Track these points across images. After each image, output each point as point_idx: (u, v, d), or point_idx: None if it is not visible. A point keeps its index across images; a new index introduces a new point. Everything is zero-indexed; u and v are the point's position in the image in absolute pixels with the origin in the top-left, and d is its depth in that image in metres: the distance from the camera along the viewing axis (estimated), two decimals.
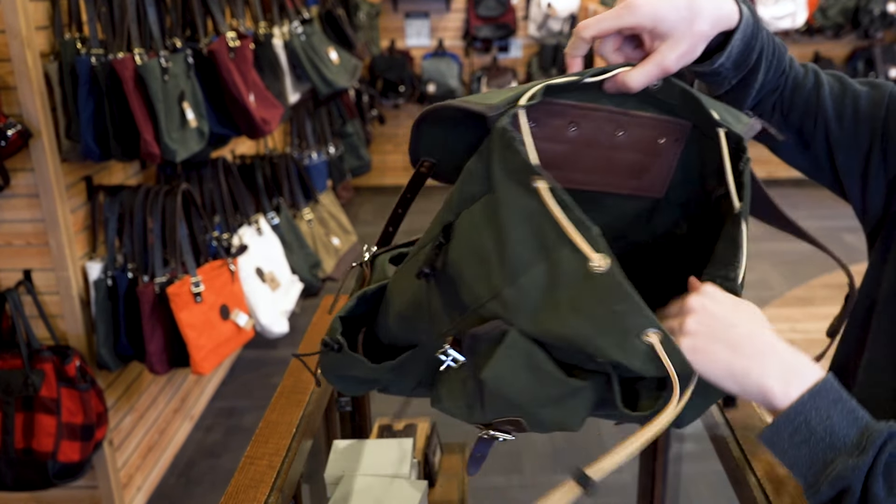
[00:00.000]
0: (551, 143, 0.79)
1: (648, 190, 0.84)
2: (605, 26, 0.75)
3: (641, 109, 0.79)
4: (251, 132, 2.52)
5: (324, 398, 1.30)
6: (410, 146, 0.79)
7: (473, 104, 0.71)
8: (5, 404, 2.08)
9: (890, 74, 5.61)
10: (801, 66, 0.95)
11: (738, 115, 0.80)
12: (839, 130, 0.91)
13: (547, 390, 0.70)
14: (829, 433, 0.66)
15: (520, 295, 0.68)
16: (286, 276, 2.89)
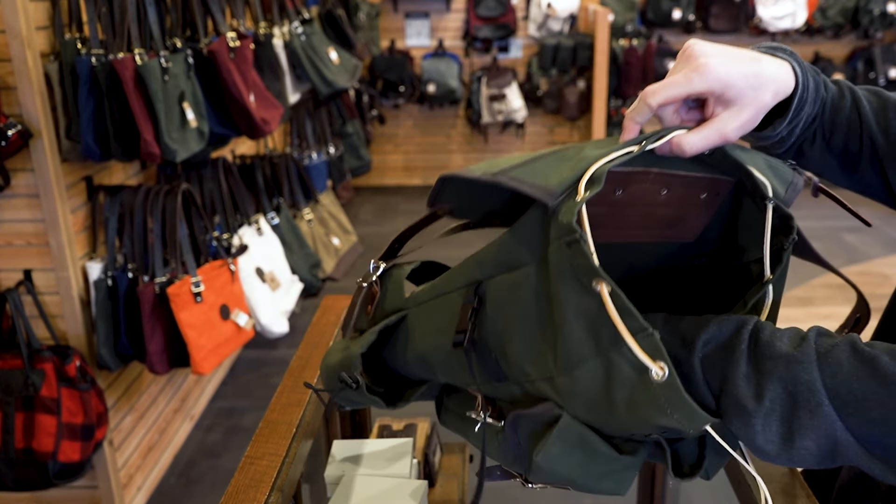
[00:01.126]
0: (594, 207, 0.76)
1: (681, 237, 0.83)
2: (675, 93, 0.72)
3: (687, 169, 0.76)
4: (251, 132, 2.53)
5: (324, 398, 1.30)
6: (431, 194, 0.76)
7: (528, 185, 0.68)
8: (5, 404, 2.08)
9: (890, 74, 5.61)
10: (835, 85, 0.92)
11: (780, 170, 0.78)
12: (886, 144, 0.88)
13: (600, 468, 0.71)
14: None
15: (574, 385, 0.67)
16: (286, 276, 2.89)
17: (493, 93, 5.67)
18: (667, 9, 5.56)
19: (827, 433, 0.59)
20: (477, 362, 0.75)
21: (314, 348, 1.37)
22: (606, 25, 4.89)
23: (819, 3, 5.62)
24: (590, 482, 0.73)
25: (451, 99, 5.80)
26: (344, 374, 0.84)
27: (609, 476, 0.73)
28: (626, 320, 0.62)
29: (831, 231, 5.00)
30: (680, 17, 5.58)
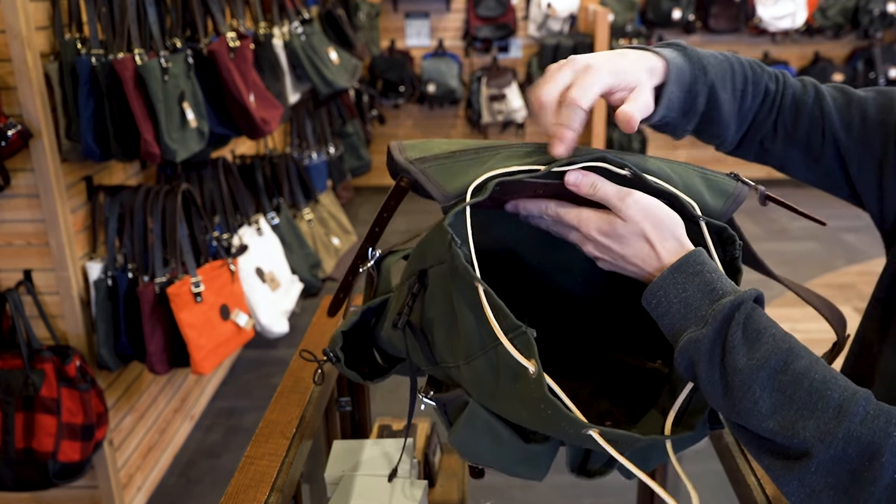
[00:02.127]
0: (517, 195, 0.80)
1: None
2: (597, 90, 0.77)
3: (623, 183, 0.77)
4: (251, 132, 2.52)
5: (324, 398, 1.30)
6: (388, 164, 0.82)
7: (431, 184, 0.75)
8: (6, 404, 2.08)
9: (890, 74, 5.61)
10: (799, 81, 0.95)
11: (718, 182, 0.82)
12: (849, 140, 0.91)
13: (508, 453, 0.76)
14: (684, 305, 0.71)
15: (473, 375, 0.72)
16: (286, 276, 2.89)
17: (493, 93, 5.67)
18: (667, 9, 5.56)
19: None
20: (417, 345, 0.81)
21: (314, 348, 1.37)
22: (606, 25, 4.89)
23: (819, 3, 5.62)
24: (505, 466, 0.78)
25: (451, 99, 5.80)
26: (327, 349, 0.90)
27: (521, 462, 0.77)
28: (500, 320, 0.67)
29: (832, 231, 5.00)
30: (680, 17, 5.58)
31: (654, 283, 0.73)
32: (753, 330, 0.68)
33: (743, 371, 0.66)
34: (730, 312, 0.68)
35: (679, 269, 0.72)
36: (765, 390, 0.65)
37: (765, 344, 0.67)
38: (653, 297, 0.73)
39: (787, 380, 0.66)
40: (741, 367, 0.66)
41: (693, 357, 0.69)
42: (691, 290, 0.71)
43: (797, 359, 0.67)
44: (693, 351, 0.68)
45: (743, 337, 0.67)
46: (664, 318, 0.72)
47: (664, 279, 0.72)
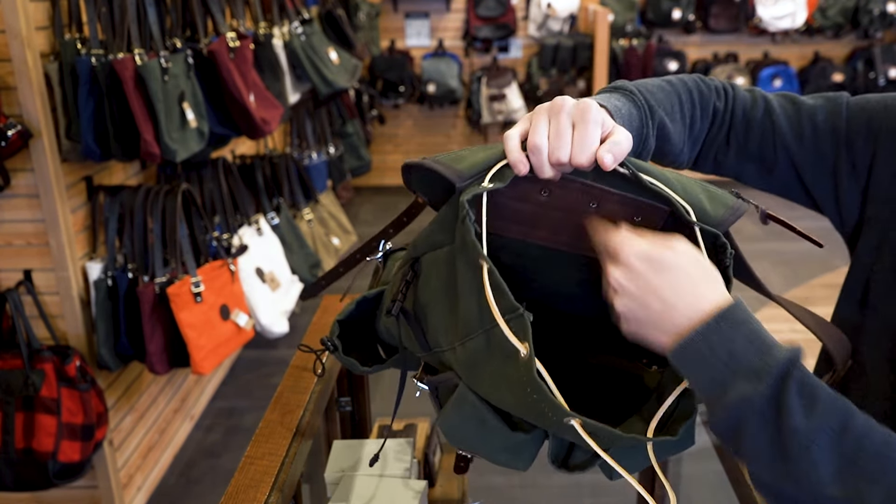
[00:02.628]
0: (520, 203, 0.81)
1: None
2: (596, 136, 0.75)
3: (619, 188, 0.79)
4: (251, 132, 2.52)
5: (324, 398, 1.30)
6: (404, 180, 0.84)
7: (444, 167, 0.76)
8: (6, 404, 2.08)
9: (890, 74, 5.61)
10: (749, 93, 0.97)
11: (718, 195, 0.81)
12: (801, 150, 0.92)
13: (493, 440, 0.76)
14: (730, 356, 0.65)
15: (467, 355, 0.73)
16: (286, 276, 2.89)
17: (493, 93, 5.67)
18: (667, 9, 5.56)
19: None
20: (410, 331, 0.82)
21: (314, 348, 1.37)
22: (606, 25, 4.89)
23: (819, 3, 5.61)
24: (489, 452, 0.77)
25: (451, 99, 5.79)
26: (325, 339, 0.92)
27: (505, 450, 0.77)
28: (499, 300, 0.67)
29: (832, 231, 4.99)
30: (680, 17, 5.58)
31: (696, 331, 0.66)
32: (809, 387, 0.64)
33: (801, 432, 0.62)
34: (786, 368, 0.63)
35: (725, 318, 0.66)
36: (825, 453, 0.61)
37: (821, 402, 0.63)
38: (691, 347, 0.66)
39: (848, 442, 0.62)
40: (800, 428, 0.62)
41: (745, 415, 0.63)
42: (739, 340, 0.65)
43: (854, 418, 0.64)
44: (746, 409, 0.63)
45: (799, 395, 0.63)
46: (703, 371, 0.66)
47: (708, 327, 0.66)
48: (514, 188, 0.78)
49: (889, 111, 0.88)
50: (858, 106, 0.91)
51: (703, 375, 0.66)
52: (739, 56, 5.96)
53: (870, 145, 0.88)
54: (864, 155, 0.89)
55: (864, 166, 0.89)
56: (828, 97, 0.94)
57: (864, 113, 0.90)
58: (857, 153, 0.89)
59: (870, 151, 0.89)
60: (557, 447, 0.77)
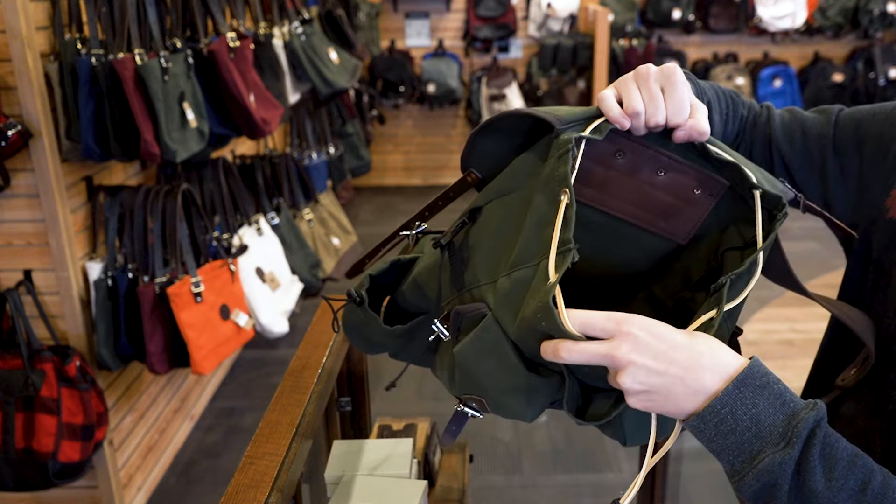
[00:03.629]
0: (595, 164, 0.84)
1: (674, 234, 0.89)
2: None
3: (687, 158, 0.83)
4: (251, 132, 2.52)
5: (324, 398, 1.30)
6: (463, 154, 0.86)
7: (542, 113, 0.79)
8: (6, 404, 2.08)
9: (890, 74, 5.61)
10: (758, 107, 1.04)
11: (774, 182, 0.84)
12: (791, 152, 0.97)
13: (507, 379, 0.75)
14: (755, 422, 0.65)
15: (510, 285, 0.74)
16: (286, 276, 2.89)
17: (493, 93, 5.67)
18: (667, 9, 5.56)
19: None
20: (451, 270, 0.84)
21: (314, 348, 1.37)
22: (606, 25, 4.89)
23: (819, 3, 5.61)
24: (500, 396, 0.77)
25: (451, 99, 5.79)
26: (352, 290, 0.92)
27: (518, 395, 0.76)
28: (563, 232, 0.71)
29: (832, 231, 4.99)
30: (680, 17, 5.58)
31: (717, 398, 0.66)
32: (829, 446, 0.65)
33: (823, 493, 0.63)
34: (813, 429, 0.65)
35: (745, 383, 0.66)
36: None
37: (841, 461, 0.65)
38: (715, 416, 0.66)
39: (867, 501, 0.64)
40: (821, 490, 0.63)
41: (776, 480, 0.64)
42: (762, 404, 0.66)
43: (873, 476, 0.65)
44: (779, 474, 0.64)
45: (821, 457, 0.64)
46: (728, 438, 0.66)
47: (729, 394, 0.66)
48: (591, 149, 0.82)
49: (876, 117, 0.92)
50: (849, 115, 0.96)
51: (730, 444, 0.67)
52: (739, 56, 5.96)
53: (858, 150, 0.92)
54: (852, 160, 0.93)
55: (852, 171, 0.93)
56: (821, 109, 1.00)
57: (853, 120, 0.94)
58: (845, 158, 0.93)
59: (858, 156, 0.92)
60: (574, 394, 0.75)
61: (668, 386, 0.67)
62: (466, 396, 0.80)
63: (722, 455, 0.68)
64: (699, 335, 0.69)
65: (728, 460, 0.67)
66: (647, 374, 0.66)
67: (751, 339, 3.64)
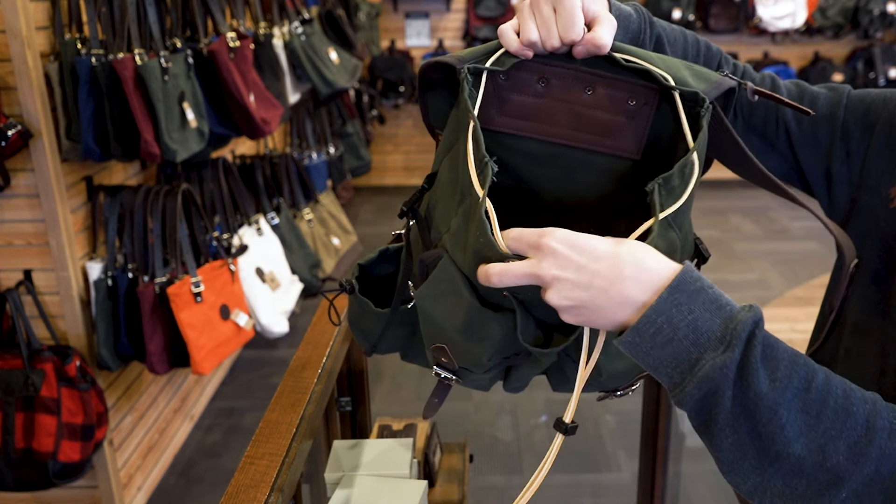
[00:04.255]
0: (520, 95, 0.85)
1: (625, 150, 0.88)
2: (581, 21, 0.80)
3: (607, 70, 0.83)
4: (251, 132, 2.53)
5: (324, 398, 1.30)
6: (423, 118, 0.89)
7: (445, 58, 0.82)
8: (6, 404, 2.08)
9: (890, 74, 5.61)
10: (759, 74, 1.01)
11: (702, 73, 0.84)
12: (798, 131, 0.96)
13: (463, 316, 0.75)
14: (692, 329, 0.63)
15: (457, 224, 0.76)
16: (286, 276, 2.89)
17: None
18: (667, 9, 5.56)
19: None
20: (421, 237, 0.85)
21: (314, 348, 1.37)
22: None
23: (819, 3, 5.62)
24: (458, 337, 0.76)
25: None
26: (343, 280, 0.94)
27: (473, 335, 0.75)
28: (475, 151, 0.73)
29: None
30: (680, 17, 5.58)
31: (652, 308, 0.63)
32: (770, 347, 0.64)
33: (768, 395, 0.61)
34: (752, 330, 0.63)
35: (679, 289, 0.63)
36: (791, 412, 0.62)
37: (783, 361, 0.63)
38: (651, 326, 0.63)
39: (812, 399, 0.62)
40: (765, 391, 0.61)
41: (718, 385, 0.62)
42: (698, 310, 0.63)
43: (816, 374, 0.64)
44: (720, 379, 0.61)
45: (762, 358, 0.62)
46: (666, 349, 0.64)
47: (664, 302, 0.63)
48: (513, 81, 0.84)
49: (888, 104, 0.90)
50: (859, 97, 0.93)
51: (667, 355, 0.64)
52: (739, 56, 5.96)
53: (866, 135, 0.91)
54: (859, 144, 0.91)
55: (858, 155, 0.92)
56: (831, 86, 0.97)
57: (863, 104, 0.92)
58: (852, 141, 0.92)
59: (865, 141, 0.91)
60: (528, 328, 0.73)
61: (595, 300, 0.65)
62: (435, 349, 0.80)
63: (660, 369, 0.65)
64: (626, 243, 0.66)
65: (667, 373, 0.65)
66: (572, 288, 0.65)
67: None
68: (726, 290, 0.77)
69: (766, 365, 0.62)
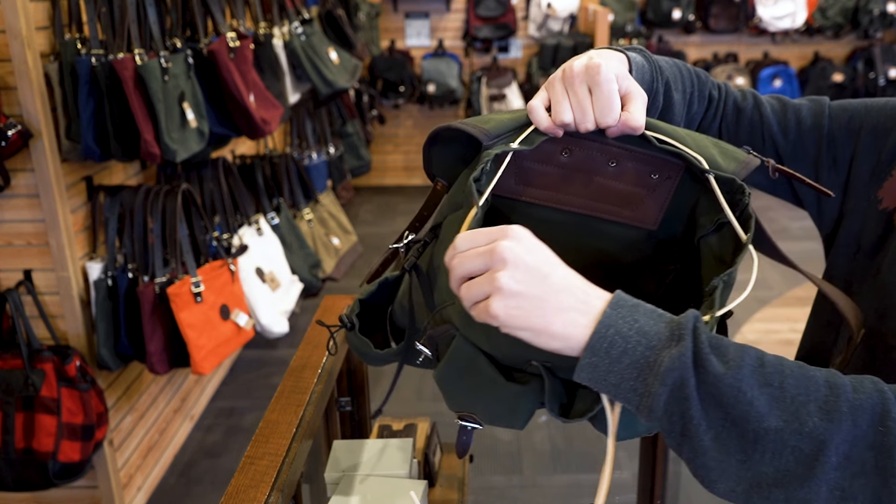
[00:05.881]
0: (542, 165, 0.84)
1: (643, 221, 0.88)
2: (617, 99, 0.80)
3: (634, 145, 0.82)
4: (251, 132, 2.52)
5: (324, 398, 1.30)
6: (424, 166, 0.87)
7: (471, 128, 0.80)
8: (6, 404, 2.08)
9: (890, 74, 5.61)
10: (739, 91, 1.03)
11: (729, 150, 0.83)
12: (786, 143, 0.98)
13: (489, 393, 0.75)
14: (642, 334, 0.64)
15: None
16: (286, 276, 2.89)
17: (493, 93, 5.67)
18: (667, 9, 5.56)
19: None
20: (422, 292, 0.84)
21: (314, 348, 1.37)
22: (606, 25, 4.88)
23: (819, 3, 5.61)
24: (484, 407, 0.77)
25: (451, 99, 5.79)
26: (343, 316, 0.92)
27: (499, 403, 0.76)
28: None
29: None
30: (680, 17, 5.58)
31: (600, 323, 0.64)
32: (714, 337, 0.65)
33: (726, 375, 0.62)
34: (695, 323, 0.64)
35: (619, 305, 0.66)
36: (754, 389, 0.62)
37: (730, 346, 0.65)
38: (604, 341, 0.64)
39: (769, 372, 0.63)
40: (721, 373, 0.62)
41: (682, 375, 0.62)
42: (641, 319, 0.65)
43: (764, 354, 0.65)
44: (682, 368, 0.62)
45: (710, 346, 0.64)
46: (623, 360, 0.64)
47: (608, 315, 0.65)
48: (536, 150, 0.82)
49: (870, 110, 0.93)
50: (840, 106, 0.96)
51: (626, 367, 0.64)
52: (739, 56, 5.96)
53: (851, 141, 0.93)
54: (844, 150, 0.94)
55: (844, 161, 0.94)
56: (812, 98, 1.00)
57: (846, 112, 0.95)
58: (838, 149, 0.94)
59: (851, 147, 0.93)
60: (556, 393, 0.74)
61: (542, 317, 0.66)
62: (459, 413, 0.80)
63: (623, 385, 0.65)
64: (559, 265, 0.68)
65: (631, 386, 0.65)
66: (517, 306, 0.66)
67: (751, 338, 3.64)
68: None
69: (716, 352, 0.64)
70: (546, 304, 0.65)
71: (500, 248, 0.66)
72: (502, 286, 0.65)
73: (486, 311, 0.66)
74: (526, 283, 0.65)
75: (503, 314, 0.65)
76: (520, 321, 0.65)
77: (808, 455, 0.61)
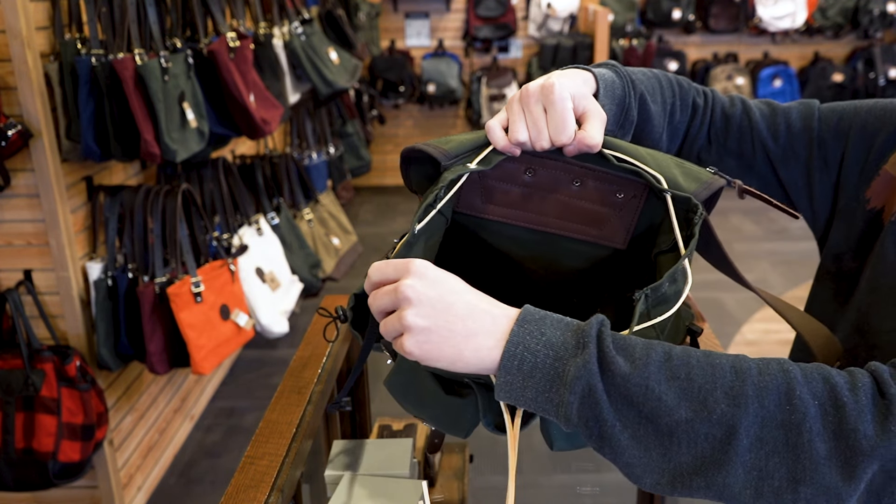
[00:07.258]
0: (507, 184, 0.86)
1: (611, 240, 0.89)
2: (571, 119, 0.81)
3: (598, 164, 0.83)
4: (251, 132, 2.53)
5: (324, 398, 1.30)
6: (404, 182, 0.90)
7: (432, 149, 0.83)
8: (6, 404, 2.08)
9: (890, 74, 5.61)
10: (727, 97, 1.04)
11: (692, 171, 0.84)
12: (776, 147, 0.98)
13: (431, 404, 0.76)
14: (549, 347, 0.65)
15: None
16: (286, 276, 2.89)
17: (493, 93, 5.67)
18: (667, 9, 5.56)
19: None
20: None
21: (314, 348, 1.38)
22: (606, 25, 4.89)
23: (819, 3, 5.62)
24: (430, 416, 0.78)
25: (451, 99, 5.79)
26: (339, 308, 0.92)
27: (444, 413, 0.77)
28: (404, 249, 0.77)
29: None
30: (680, 17, 5.58)
31: (508, 342, 0.66)
32: (621, 339, 0.66)
33: (633, 375, 0.63)
34: (599, 328, 0.66)
35: (525, 321, 0.67)
36: (661, 383, 0.63)
37: (637, 346, 0.66)
38: (514, 359, 0.65)
39: (676, 365, 0.64)
40: (628, 373, 0.63)
41: (589, 381, 0.64)
42: (549, 331, 0.66)
43: (672, 348, 0.66)
44: (588, 376, 0.63)
45: (616, 348, 0.65)
46: (535, 376, 0.65)
47: (516, 334, 0.66)
48: (499, 170, 0.84)
49: (859, 112, 0.94)
50: (829, 108, 0.97)
51: (539, 381, 0.66)
52: (739, 56, 5.96)
53: (840, 142, 0.94)
54: (835, 152, 0.95)
55: (834, 162, 0.95)
56: (801, 101, 1.01)
57: (835, 114, 0.96)
58: (828, 150, 0.95)
59: (840, 148, 0.94)
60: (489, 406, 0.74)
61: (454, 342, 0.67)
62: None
63: (540, 399, 0.66)
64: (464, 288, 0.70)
65: (548, 398, 0.66)
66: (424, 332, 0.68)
67: (751, 338, 3.64)
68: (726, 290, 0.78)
69: (622, 353, 0.65)
70: (454, 334, 0.67)
71: (403, 287, 0.68)
72: (409, 324, 0.67)
73: (402, 349, 0.68)
74: (432, 317, 0.67)
75: (417, 350, 0.67)
76: (433, 354, 0.67)
77: (720, 440, 0.62)
